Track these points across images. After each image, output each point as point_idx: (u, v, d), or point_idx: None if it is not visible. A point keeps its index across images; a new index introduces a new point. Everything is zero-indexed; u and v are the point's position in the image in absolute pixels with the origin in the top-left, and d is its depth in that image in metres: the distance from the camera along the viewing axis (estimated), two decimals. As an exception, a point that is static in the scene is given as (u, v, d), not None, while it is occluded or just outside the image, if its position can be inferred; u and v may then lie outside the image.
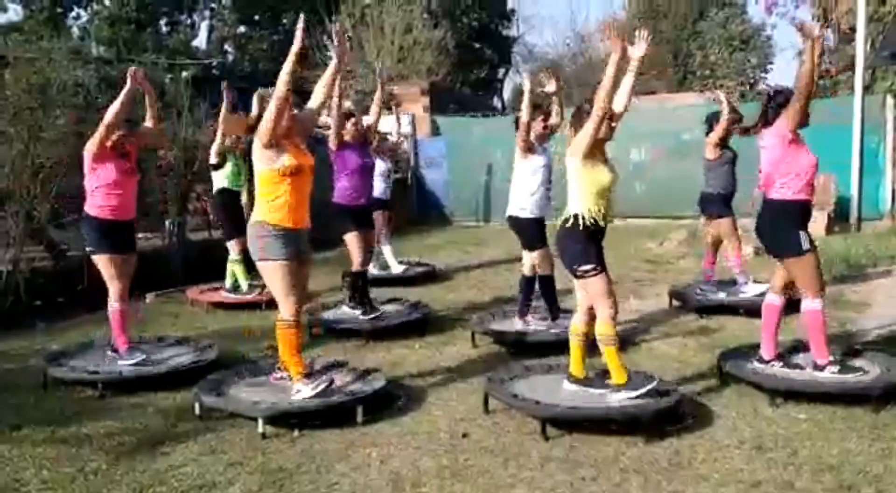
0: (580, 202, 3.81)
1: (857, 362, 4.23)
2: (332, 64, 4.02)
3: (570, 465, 3.28)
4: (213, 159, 6.84)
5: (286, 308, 3.94)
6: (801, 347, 4.46)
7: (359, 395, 3.92)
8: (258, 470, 3.29)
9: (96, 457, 3.46)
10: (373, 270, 7.93)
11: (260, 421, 3.68)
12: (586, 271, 3.80)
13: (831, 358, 4.12)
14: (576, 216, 3.81)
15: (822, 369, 4.10)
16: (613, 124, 3.84)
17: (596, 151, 3.80)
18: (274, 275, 3.93)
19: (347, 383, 4.13)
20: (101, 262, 4.69)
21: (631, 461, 3.31)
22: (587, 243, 3.82)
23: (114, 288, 4.71)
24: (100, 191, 4.64)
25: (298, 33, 3.75)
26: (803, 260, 4.07)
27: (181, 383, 4.37)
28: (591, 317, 3.93)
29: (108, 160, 4.62)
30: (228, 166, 6.84)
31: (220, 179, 6.89)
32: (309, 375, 4.01)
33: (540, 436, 3.56)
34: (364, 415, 3.82)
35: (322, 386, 3.91)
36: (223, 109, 5.98)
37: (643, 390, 3.74)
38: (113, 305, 4.72)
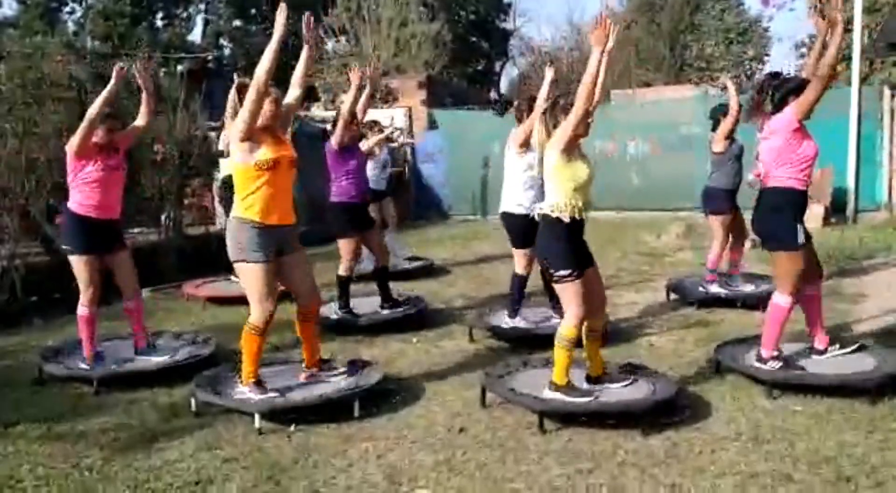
0: (558, 197, 3.73)
1: (856, 354, 4.23)
2: (304, 51, 3.96)
3: (568, 458, 3.28)
4: (221, 145, 6.93)
5: (257, 314, 3.80)
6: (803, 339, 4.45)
7: (355, 390, 3.91)
8: (254, 466, 3.28)
9: (91, 453, 3.45)
10: (401, 262, 8.02)
11: (256, 417, 3.67)
12: (563, 277, 3.71)
13: (775, 353, 4.09)
14: (554, 212, 3.73)
15: (764, 361, 4.09)
16: (590, 120, 3.77)
17: (574, 146, 3.74)
18: (250, 277, 3.78)
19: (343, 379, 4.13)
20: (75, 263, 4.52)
21: (628, 454, 3.31)
22: (566, 243, 3.73)
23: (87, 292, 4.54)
24: (82, 187, 4.49)
25: (280, 20, 3.64)
26: (793, 255, 4.03)
27: (177, 378, 4.36)
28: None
29: (92, 156, 4.48)
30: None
31: (227, 167, 6.94)
32: (259, 383, 3.90)
33: (537, 430, 3.56)
34: (360, 410, 3.81)
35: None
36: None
37: (575, 400, 3.71)
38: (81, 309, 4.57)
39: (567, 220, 3.70)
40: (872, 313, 5.67)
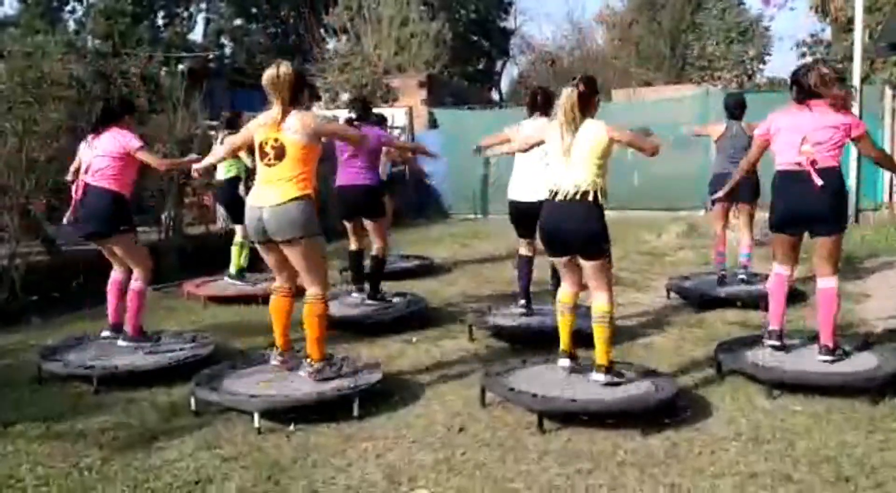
0: (598, 178, 3.79)
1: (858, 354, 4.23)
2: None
3: (568, 458, 3.27)
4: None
5: (322, 284, 4.02)
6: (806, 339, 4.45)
7: (355, 389, 3.90)
8: (254, 465, 3.28)
9: (91, 453, 3.45)
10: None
11: (255, 416, 3.66)
12: (608, 251, 3.86)
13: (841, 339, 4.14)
14: (596, 193, 3.78)
15: (833, 352, 4.08)
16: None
17: None
18: (318, 250, 4.02)
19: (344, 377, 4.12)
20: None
21: (628, 453, 3.30)
22: (604, 221, 3.85)
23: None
24: (130, 170, 4.89)
25: None
26: (843, 234, 3.99)
27: (177, 377, 4.35)
28: (577, 289, 4.02)
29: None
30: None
31: (226, 167, 6.98)
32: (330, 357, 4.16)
33: (537, 429, 3.55)
34: (360, 409, 3.80)
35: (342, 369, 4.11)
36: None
37: (616, 380, 3.84)
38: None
39: (602, 200, 3.81)
40: (875, 312, 5.66)
